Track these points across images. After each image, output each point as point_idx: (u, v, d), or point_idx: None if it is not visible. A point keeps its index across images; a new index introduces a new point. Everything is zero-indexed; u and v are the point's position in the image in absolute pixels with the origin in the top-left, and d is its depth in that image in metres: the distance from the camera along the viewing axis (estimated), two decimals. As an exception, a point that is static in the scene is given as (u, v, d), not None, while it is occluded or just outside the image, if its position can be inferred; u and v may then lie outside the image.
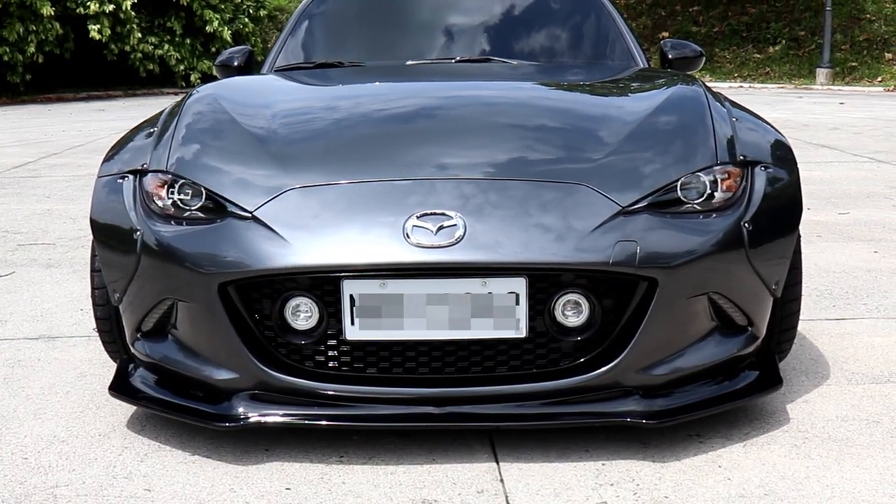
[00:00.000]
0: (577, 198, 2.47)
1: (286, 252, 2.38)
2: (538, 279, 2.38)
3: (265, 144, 2.72)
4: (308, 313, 2.42)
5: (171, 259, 2.48)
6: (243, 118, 2.87)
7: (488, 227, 2.38)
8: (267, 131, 2.80)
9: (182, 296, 2.49)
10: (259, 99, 3.15)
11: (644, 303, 2.41)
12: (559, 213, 2.43)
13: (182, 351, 2.57)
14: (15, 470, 2.43)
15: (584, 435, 2.53)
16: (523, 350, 2.43)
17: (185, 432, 2.60)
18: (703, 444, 2.50)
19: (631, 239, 2.39)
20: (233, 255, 2.41)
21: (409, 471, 2.38)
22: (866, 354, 3.21)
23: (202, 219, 2.54)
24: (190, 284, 2.45)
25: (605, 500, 2.21)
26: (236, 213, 2.48)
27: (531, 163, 2.64)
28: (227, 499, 2.25)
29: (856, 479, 2.31)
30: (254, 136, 2.77)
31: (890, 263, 4.49)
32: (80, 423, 2.72)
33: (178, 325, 2.56)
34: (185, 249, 2.47)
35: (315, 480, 2.33)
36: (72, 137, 11.10)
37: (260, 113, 2.92)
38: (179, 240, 2.50)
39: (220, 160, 2.69)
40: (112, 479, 2.36)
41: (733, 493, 2.24)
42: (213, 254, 2.43)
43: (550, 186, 2.50)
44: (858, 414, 2.71)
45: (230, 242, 2.43)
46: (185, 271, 2.45)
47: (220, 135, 2.83)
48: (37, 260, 4.82)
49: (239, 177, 2.60)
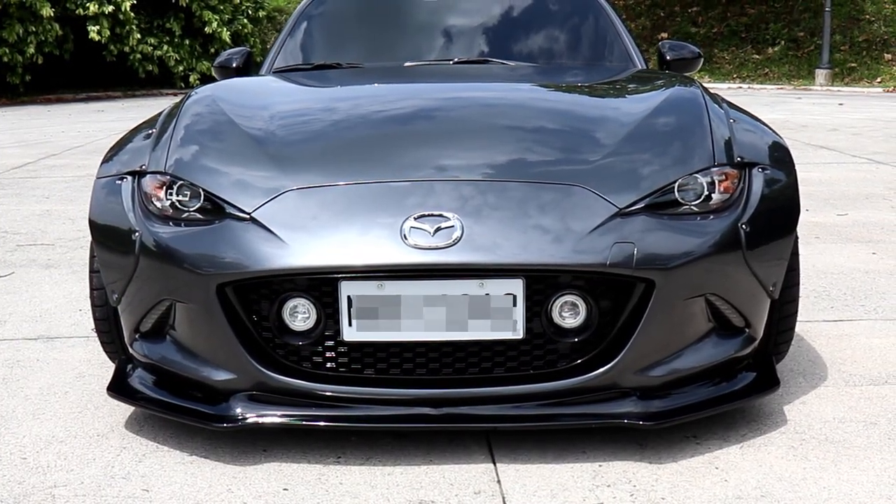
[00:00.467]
0: (574, 199, 2.47)
1: (284, 253, 2.38)
2: (535, 280, 2.38)
3: (263, 146, 2.72)
4: (306, 314, 2.43)
5: (170, 260, 2.49)
6: (242, 120, 2.88)
7: (486, 229, 2.39)
8: (265, 133, 2.80)
9: (180, 297, 2.50)
10: (257, 100, 3.15)
11: (641, 304, 2.41)
12: (556, 215, 2.43)
13: (180, 352, 2.57)
14: (13, 470, 2.43)
15: (581, 436, 2.53)
16: (520, 351, 2.43)
17: (183, 433, 2.60)
18: (700, 446, 2.51)
19: (628, 240, 2.40)
20: (231, 257, 2.41)
21: (407, 471, 2.38)
22: (864, 356, 3.22)
23: (200, 220, 2.54)
24: (188, 285, 2.46)
25: (601, 502, 2.22)
26: (234, 214, 2.49)
27: (529, 164, 2.65)
28: (224, 499, 2.26)
29: (853, 481, 2.31)
30: (252, 137, 2.77)
31: (888, 265, 4.49)
32: (78, 423, 2.72)
33: (177, 326, 2.56)
34: (183, 250, 2.47)
35: (313, 481, 2.33)
36: (71, 138, 11.10)
37: (258, 114, 2.93)
38: (178, 241, 2.50)
39: (218, 161, 2.69)
40: (110, 480, 2.36)
41: (730, 494, 2.25)
42: (212, 255, 2.44)
43: (548, 188, 2.51)
44: (856, 416, 2.71)
45: (228, 243, 2.43)
46: (183, 272, 2.45)
47: (219, 136, 2.83)
48: (36, 260, 4.82)
49: (237, 178, 2.60)
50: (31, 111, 16.24)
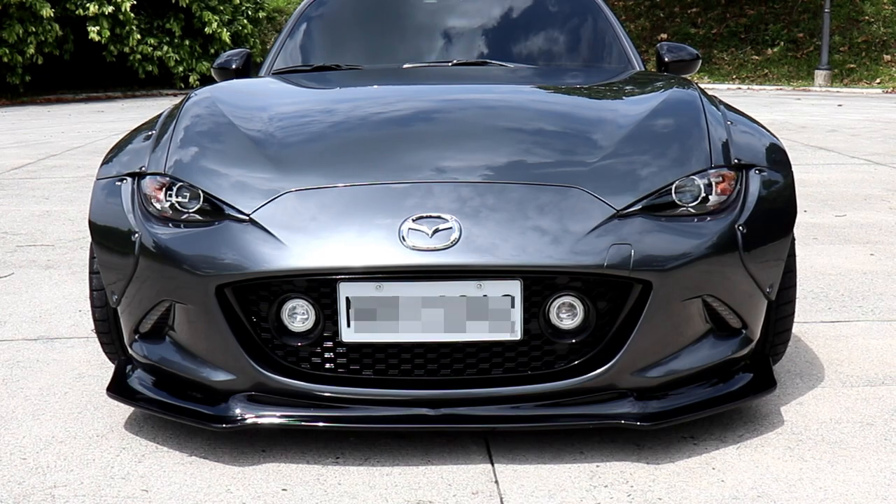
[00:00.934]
0: (571, 201, 2.49)
1: (283, 254, 2.40)
2: (533, 282, 2.40)
3: (262, 147, 2.74)
4: (304, 315, 2.44)
5: (169, 261, 2.50)
6: (241, 121, 2.89)
7: (484, 230, 2.40)
8: (264, 134, 2.81)
9: (179, 298, 2.51)
10: (256, 102, 3.17)
11: (638, 306, 2.43)
12: (554, 217, 2.45)
13: (179, 352, 2.58)
14: (13, 470, 2.45)
15: (578, 437, 2.55)
16: (518, 352, 2.45)
17: (182, 433, 2.62)
18: (697, 446, 2.52)
19: (625, 242, 2.41)
20: (230, 258, 2.43)
21: (405, 472, 2.39)
22: (861, 357, 3.23)
23: (200, 221, 2.56)
24: (187, 286, 2.47)
25: (599, 502, 2.23)
26: (234, 215, 2.50)
27: (527, 166, 2.66)
28: (223, 500, 2.27)
29: (849, 482, 2.32)
30: (251, 139, 2.79)
31: (886, 266, 4.51)
32: (78, 423, 2.74)
33: (176, 327, 2.57)
34: (182, 252, 2.49)
35: (311, 481, 2.35)
36: (71, 139, 11.12)
37: (257, 116, 2.94)
38: (177, 242, 2.52)
39: (217, 163, 2.71)
40: (110, 480, 2.38)
41: (727, 494, 2.26)
42: (211, 256, 2.45)
43: (545, 189, 2.52)
44: (852, 416, 2.72)
45: (227, 245, 2.45)
46: (182, 273, 2.47)
47: (218, 138, 2.85)
48: (35, 261, 4.84)
49: (236, 180, 2.62)
50: (31, 111, 16.27)
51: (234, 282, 2.42)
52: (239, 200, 2.53)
